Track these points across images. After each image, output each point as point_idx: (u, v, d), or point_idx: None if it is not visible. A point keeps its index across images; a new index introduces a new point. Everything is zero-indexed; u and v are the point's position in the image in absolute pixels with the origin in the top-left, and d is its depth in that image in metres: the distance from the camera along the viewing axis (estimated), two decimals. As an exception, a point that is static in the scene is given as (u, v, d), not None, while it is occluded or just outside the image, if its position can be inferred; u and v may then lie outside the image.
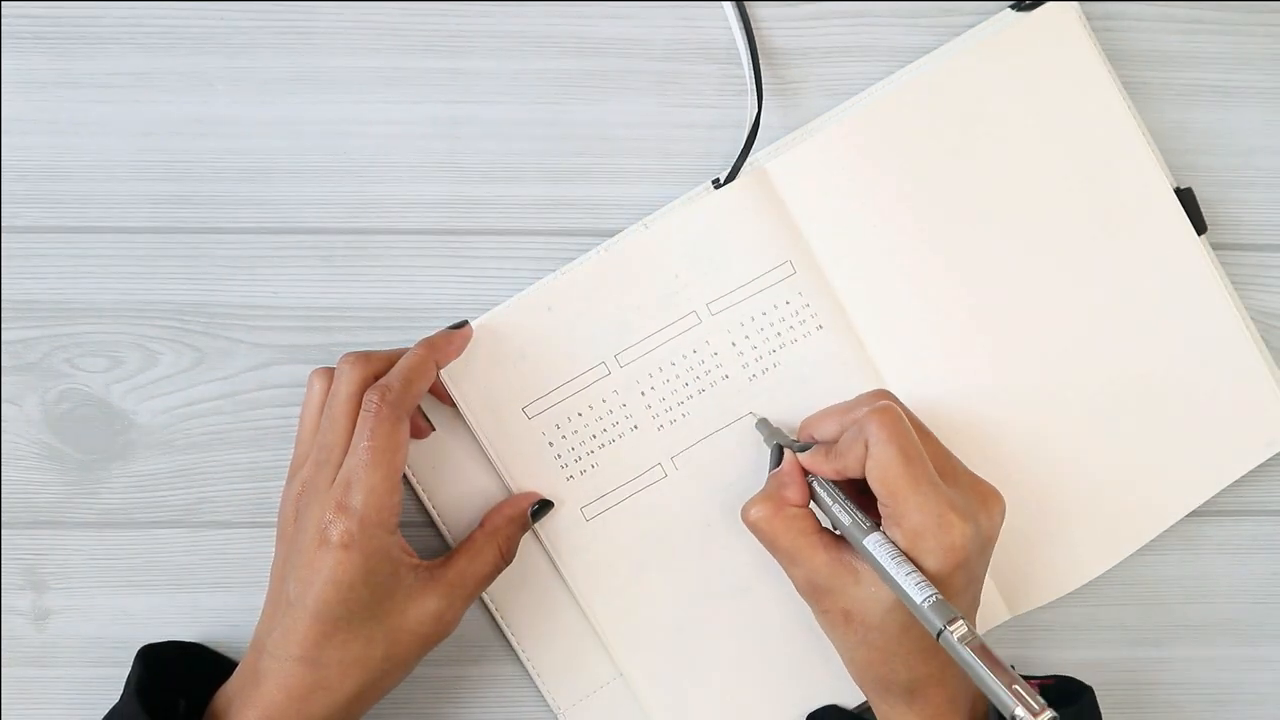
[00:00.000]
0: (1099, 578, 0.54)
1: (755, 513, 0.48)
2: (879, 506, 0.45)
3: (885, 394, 0.50)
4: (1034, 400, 0.52)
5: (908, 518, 0.44)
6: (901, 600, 0.43)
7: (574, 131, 0.53)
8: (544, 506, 0.51)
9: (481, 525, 0.50)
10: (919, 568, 0.44)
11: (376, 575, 0.45)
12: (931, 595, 0.42)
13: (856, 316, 0.52)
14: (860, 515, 0.46)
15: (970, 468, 0.49)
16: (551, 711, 0.53)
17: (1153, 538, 0.53)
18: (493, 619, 0.53)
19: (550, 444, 0.51)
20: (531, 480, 0.51)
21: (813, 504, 0.48)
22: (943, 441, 0.49)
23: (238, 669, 0.47)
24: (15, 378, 0.52)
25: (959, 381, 0.52)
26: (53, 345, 0.52)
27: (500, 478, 0.51)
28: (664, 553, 0.52)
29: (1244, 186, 0.54)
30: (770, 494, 0.48)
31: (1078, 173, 0.52)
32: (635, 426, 0.52)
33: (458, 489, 0.52)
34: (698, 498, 0.52)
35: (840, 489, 0.47)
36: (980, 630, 0.52)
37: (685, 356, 0.52)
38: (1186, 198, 0.53)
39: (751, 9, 0.52)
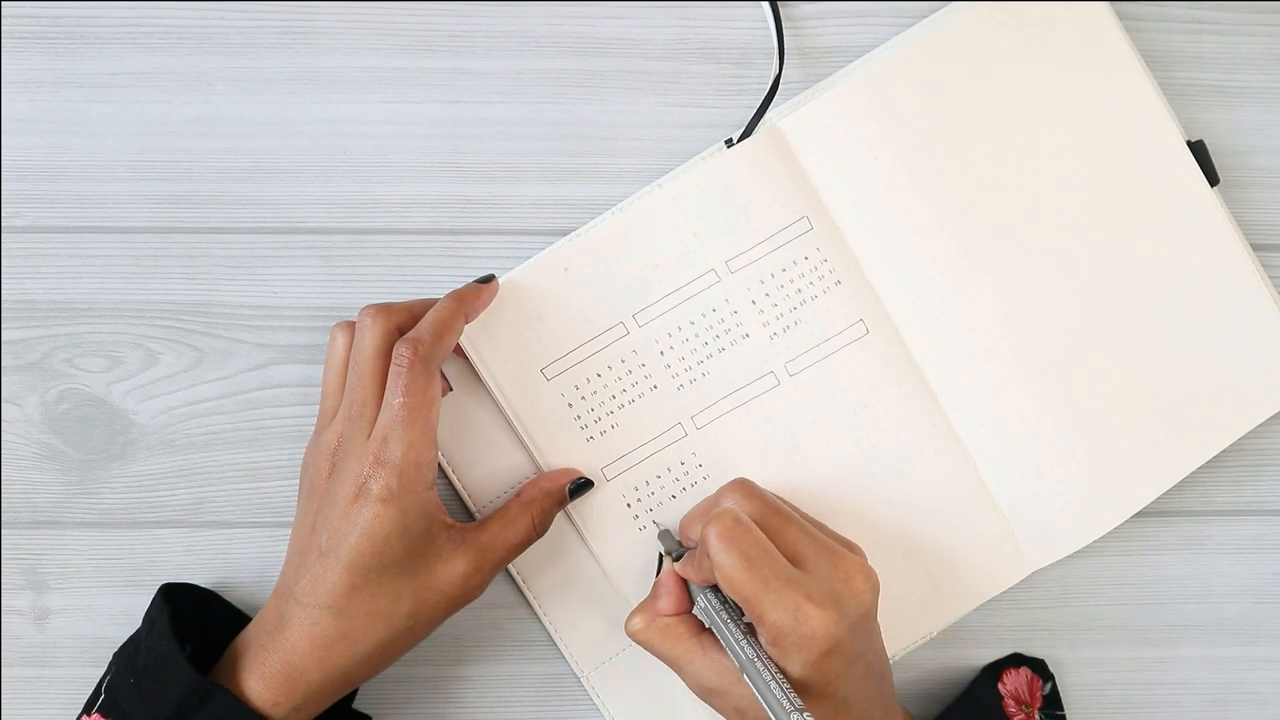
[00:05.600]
0: (1098, 576, 0.54)
1: (632, 624, 0.48)
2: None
3: (735, 486, 0.48)
4: (1046, 348, 0.52)
5: (765, 618, 0.44)
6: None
7: (574, 131, 0.53)
8: (583, 485, 0.51)
9: (518, 495, 0.50)
10: (783, 670, 0.44)
11: (412, 531, 0.45)
12: None
13: (872, 271, 0.52)
14: (732, 628, 0.45)
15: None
16: (575, 675, 0.53)
17: (1180, 479, 0.53)
18: (513, 581, 0.53)
19: (570, 405, 0.51)
20: (552, 441, 0.51)
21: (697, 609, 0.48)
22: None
23: (259, 615, 0.48)
24: (15, 378, 0.52)
25: (974, 331, 0.52)
26: (53, 345, 0.52)
27: (520, 440, 0.51)
28: (684, 512, 0.51)
29: (1243, 187, 0.54)
30: (645, 604, 0.48)
31: (1089, 129, 0.52)
32: (655, 386, 0.51)
33: (479, 454, 0.52)
34: (718, 457, 0.52)
35: (718, 593, 0.47)
36: (994, 592, 0.53)
37: (704, 315, 0.51)
38: (1198, 150, 0.53)
39: (752, 10, 0.52)
